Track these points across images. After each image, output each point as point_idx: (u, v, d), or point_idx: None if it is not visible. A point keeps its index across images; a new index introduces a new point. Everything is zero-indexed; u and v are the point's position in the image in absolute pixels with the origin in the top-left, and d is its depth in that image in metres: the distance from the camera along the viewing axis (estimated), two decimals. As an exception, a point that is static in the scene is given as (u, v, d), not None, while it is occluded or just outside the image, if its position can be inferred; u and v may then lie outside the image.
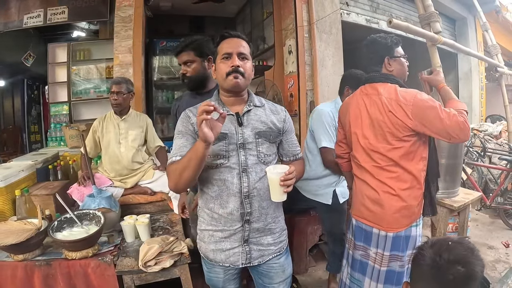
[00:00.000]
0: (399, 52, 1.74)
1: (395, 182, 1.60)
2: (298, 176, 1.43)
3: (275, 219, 1.44)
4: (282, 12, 4.18)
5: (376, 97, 1.63)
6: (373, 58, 1.73)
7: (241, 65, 1.33)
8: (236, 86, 1.33)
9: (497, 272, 2.82)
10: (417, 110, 1.51)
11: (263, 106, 1.44)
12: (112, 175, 2.61)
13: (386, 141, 1.60)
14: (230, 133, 1.34)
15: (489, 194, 4.08)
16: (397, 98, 1.56)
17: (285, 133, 1.48)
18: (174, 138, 1.39)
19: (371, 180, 1.67)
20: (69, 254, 1.83)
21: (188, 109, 1.43)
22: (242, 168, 1.33)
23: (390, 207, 1.61)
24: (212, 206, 1.37)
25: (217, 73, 1.38)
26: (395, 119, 1.55)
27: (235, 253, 1.38)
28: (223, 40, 1.37)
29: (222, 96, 1.42)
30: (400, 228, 1.61)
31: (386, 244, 1.63)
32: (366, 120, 1.67)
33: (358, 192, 1.77)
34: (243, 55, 1.35)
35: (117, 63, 3.24)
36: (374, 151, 1.64)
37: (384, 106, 1.59)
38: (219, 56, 1.36)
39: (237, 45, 1.34)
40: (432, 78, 1.85)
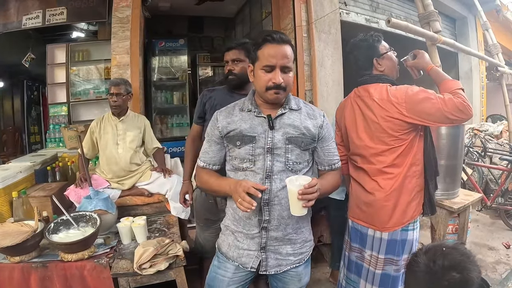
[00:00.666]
0: (385, 47, 1.71)
1: (390, 182, 1.59)
2: (326, 190, 1.37)
3: (297, 230, 1.37)
4: (280, 12, 4.16)
5: (368, 98, 1.62)
6: (361, 64, 1.72)
7: (283, 78, 1.24)
8: (276, 101, 1.28)
9: (497, 274, 2.80)
10: (411, 105, 1.49)
11: (299, 110, 1.36)
12: (110, 177, 2.60)
13: (382, 142, 1.59)
14: (258, 136, 1.29)
15: (489, 194, 4.06)
16: (388, 98, 1.54)
17: (321, 140, 1.38)
18: (205, 135, 1.43)
19: (367, 181, 1.66)
20: (65, 256, 1.82)
21: (219, 111, 1.41)
22: (266, 174, 1.28)
23: (382, 206, 1.60)
24: (235, 207, 1.32)
25: (255, 80, 1.30)
26: (390, 119, 1.54)
27: (249, 255, 1.34)
28: (266, 44, 1.25)
29: (257, 99, 1.35)
30: (395, 227, 1.60)
31: (381, 247, 1.62)
32: (361, 123, 1.66)
33: (353, 194, 1.76)
34: (287, 68, 1.25)
35: (115, 64, 3.23)
36: (371, 152, 1.63)
37: (378, 108, 1.57)
38: (259, 63, 1.26)
39: (281, 55, 1.23)
40: (418, 62, 1.76)
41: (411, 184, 1.61)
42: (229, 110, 1.39)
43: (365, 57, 1.69)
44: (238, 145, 1.31)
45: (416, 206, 1.64)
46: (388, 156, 1.58)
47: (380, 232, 1.63)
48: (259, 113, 1.31)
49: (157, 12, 5.63)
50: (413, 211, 1.63)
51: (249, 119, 1.32)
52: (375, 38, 1.69)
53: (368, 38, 1.69)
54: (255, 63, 1.29)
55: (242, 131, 1.31)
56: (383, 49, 1.70)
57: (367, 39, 1.69)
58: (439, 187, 2.31)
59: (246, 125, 1.31)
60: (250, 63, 1.33)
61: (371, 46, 1.68)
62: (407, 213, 1.61)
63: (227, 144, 1.36)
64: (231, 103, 1.44)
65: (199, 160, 1.43)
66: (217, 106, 1.98)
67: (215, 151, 1.39)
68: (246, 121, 1.32)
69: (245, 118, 1.33)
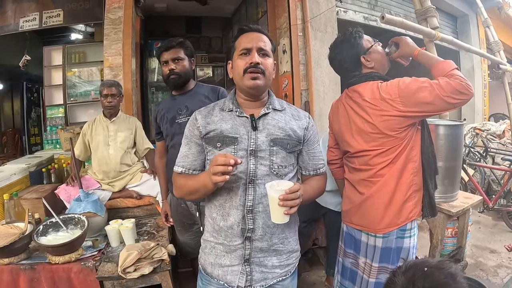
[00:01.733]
0: (369, 41, 1.60)
1: (381, 179, 1.51)
2: (310, 196, 1.29)
3: (283, 240, 1.26)
4: (276, 11, 4.14)
5: (360, 99, 1.52)
6: (349, 66, 1.60)
7: (261, 62, 1.19)
8: (254, 86, 1.20)
9: (499, 278, 2.74)
10: (406, 99, 1.39)
11: (283, 110, 1.29)
12: (100, 178, 2.60)
13: (379, 144, 1.50)
14: (241, 138, 1.20)
15: (491, 195, 3.99)
16: (381, 96, 1.44)
17: (306, 142, 1.30)
18: (183, 139, 1.32)
19: (361, 182, 1.58)
20: (53, 259, 1.81)
21: (198, 110, 1.32)
22: (249, 178, 1.19)
23: (373, 204, 1.52)
24: (215, 217, 1.25)
25: (233, 70, 1.25)
26: (387, 118, 1.44)
27: (234, 271, 1.23)
28: (242, 34, 1.24)
29: (238, 97, 1.29)
30: (388, 228, 1.50)
31: (375, 254, 1.53)
32: (355, 125, 1.56)
33: (347, 197, 1.68)
34: (263, 51, 1.21)
35: (107, 65, 3.23)
36: (366, 155, 1.54)
37: (371, 108, 1.48)
38: (236, 51, 1.23)
39: (257, 39, 1.21)
40: (402, 51, 1.60)
41: (406, 182, 1.50)
42: (208, 110, 1.30)
43: (351, 57, 1.57)
44: (218, 146, 1.21)
45: (413, 207, 1.53)
46: (385, 157, 1.50)
47: (374, 238, 1.53)
48: (241, 113, 1.23)
49: (153, 13, 5.64)
50: (409, 212, 1.52)
51: (230, 119, 1.24)
52: (356, 34, 1.57)
53: (348, 37, 1.58)
54: (233, 56, 1.25)
55: (223, 132, 1.21)
56: (367, 43, 1.59)
57: (348, 38, 1.58)
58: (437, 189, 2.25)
59: (227, 126, 1.22)
60: (229, 60, 1.28)
61: (354, 44, 1.56)
62: (402, 213, 1.51)
63: (206, 146, 1.25)
64: (210, 104, 1.36)
65: (176, 167, 1.31)
66: (165, 114, 2.03)
67: (195, 154, 1.28)
68: (227, 121, 1.23)
69: (225, 118, 1.24)
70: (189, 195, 1.27)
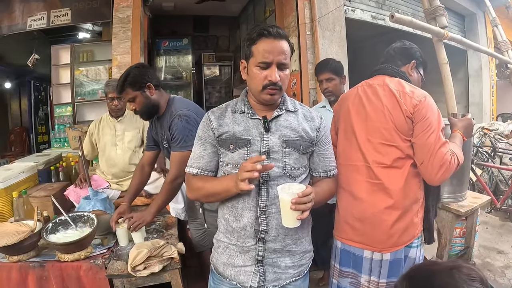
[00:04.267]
0: (423, 71, 1.66)
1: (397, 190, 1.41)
2: (321, 199, 1.27)
3: (296, 240, 1.26)
4: (284, 10, 4.14)
5: (381, 86, 1.47)
6: (402, 53, 1.61)
7: (280, 76, 1.15)
8: (271, 101, 1.19)
9: (506, 279, 2.72)
10: (419, 112, 1.36)
11: (296, 111, 1.28)
12: (109, 178, 2.60)
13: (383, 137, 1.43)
14: (253, 140, 1.20)
15: (499, 195, 3.96)
16: (403, 90, 1.42)
17: (318, 143, 1.28)
18: (195, 141, 1.31)
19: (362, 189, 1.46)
20: (62, 257, 1.81)
21: (211, 111, 1.30)
22: (262, 179, 1.18)
23: (385, 223, 1.40)
24: (227, 217, 1.25)
25: (249, 78, 1.20)
26: (398, 110, 1.40)
27: (246, 272, 1.23)
28: (261, 39, 1.15)
29: (250, 99, 1.26)
30: (398, 247, 1.42)
31: (382, 270, 1.43)
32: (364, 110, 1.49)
33: (342, 207, 1.55)
34: (283, 65, 1.16)
35: (116, 64, 3.25)
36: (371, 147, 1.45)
37: (389, 96, 1.43)
38: (254, 59, 1.16)
39: (278, 51, 1.14)
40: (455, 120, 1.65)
41: (414, 195, 1.44)
42: (221, 111, 1.29)
43: (408, 53, 1.61)
44: (231, 149, 1.21)
45: (419, 222, 1.47)
46: (389, 155, 1.42)
47: (381, 254, 1.44)
48: (254, 115, 1.22)
49: (161, 12, 5.66)
50: (416, 228, 1.46)
51: (242, 121, 1.23)
52: (424, 59, 1.65)
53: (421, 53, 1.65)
54: (249, 60, 1.18)
55: (236, 134, 1.21)
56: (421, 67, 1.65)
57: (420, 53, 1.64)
58: (446, 189, 2.22)
59: (239, 128, 1.22)
60: (243, 59, 1.24)
61: (420, 54, 1.62)
62: (409, 231, 1.43)
63: (219, 148, 1.25)
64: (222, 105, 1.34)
65: (190, 168, 1.28)
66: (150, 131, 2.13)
67: (211, 154, 1.26)
68: (239, 123, 1.23)
69: (238, 120, 1.24)
70: (207, 198, 1.29)
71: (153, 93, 1.95)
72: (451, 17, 6.00)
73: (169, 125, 1.91)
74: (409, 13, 5.02)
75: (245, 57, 1.22)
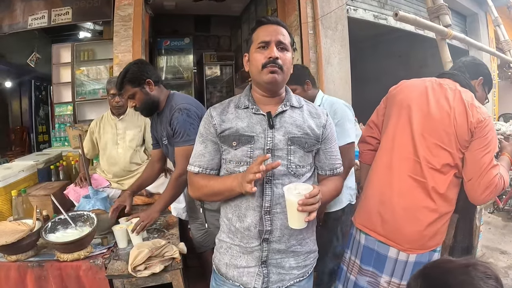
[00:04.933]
0: (488, 90, 1.69)
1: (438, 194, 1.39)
2: (327, 199, 1.26)
3: (301, 241, 1.23)
4: (286, 9, 4.12)
5: (452, 91, 1.45)
6: (472, 68, 1.66)
7: (280, 56, 1.15)
8: (272, 81, 1.16)
9: (509, 279, 2.71)
10: (482, 129, 1.36)
11: (301, 107, 1.25)
12: (110, 177, 2.59)
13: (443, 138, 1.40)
14: (257, 136, 1.17)
15: (502, 196, 3.94)
16: (473, 103, 1.40)
17: (324, 141, 1.26)
18: (196, 138, 1.29)
19: (403, 183, 1.43)
20: (61, 256, 1.79)
21: (212, 107, 1.29)
22: (266, 178, 1.15)
23: (420, 223, 1.38)
24: (230, 217, 1.23)
25: (250, 64, 1.20)
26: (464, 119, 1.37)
27: (250, 272, 1.20)
28: (260, 26, 1.19)
29: (254, 93, 1.24)
30: (424, 250, 1.39)
31: (406, 271, 1.40)
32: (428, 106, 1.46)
33: (373, 196, 1.50)
34: (282, 44, 1.16)
35: (117, 62, 3.23)
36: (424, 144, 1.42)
37: (458, 103, 1.40)
38: (254, 44, 1.18)
39: (276, 32, 1.16)
40: (506, 144, 1.67)
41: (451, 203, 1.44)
42: (223, 107, 1.27)
43: (478, 69, 1.66)
44: (234, 145, 1.18)
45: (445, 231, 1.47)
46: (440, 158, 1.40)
47: (407, 254, 1.40)
48: (258, 110, 1.20)
49: (162, 11, 5.65)
50: (443, 236, 1.46)
51: (246, 117, 1.20)
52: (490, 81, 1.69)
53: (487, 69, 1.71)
54: (250, 49, 1.21)
55: (239, 130, 1.18)
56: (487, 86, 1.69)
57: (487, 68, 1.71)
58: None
59: (243, 124, 1.19)
60: (246, 53, 1.24)
61: (487, 71, 1.68)
62: (437, 236, 1.42)
63: (221, 145, 1.22)
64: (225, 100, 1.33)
65: (191, 166, 1.27)
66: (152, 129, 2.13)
67: (212, 152, 1.24)
68: (242, 119, 1.20)
69: (241, 115, 1.21)
70: (210, 197, 1.27)
71: (153, 89, 1.94)
72: (453, 17, 5.96)
73: (170, 120, 1.90)
74: (411, 12, 4.99)
75: (247, 49, 1.24)
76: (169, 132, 1.93)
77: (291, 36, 1.23)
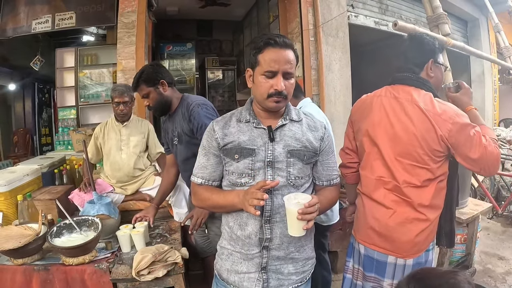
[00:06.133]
0: (441, 59, 1.57)
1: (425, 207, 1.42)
2: (324, 208, 1.31)
3: (300, 248, 1.28)
4: (287, 16, 4.16)
5: (410, 103, 1.42)
6: (416, 57, 1.51)
7: (285, 85, 1.17)
8: (276, 109, 1.21)
9: (507, 285, 2.72)
10: (456, 132, 1.34)
11: (300, 121, 1.29)
12: (114, 182, 2.61)
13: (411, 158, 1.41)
14: (258, 149, 1.21)
15: (501, 202, 3.96)
16: (435, 111, 1.37)
17: (322, 153, 1.30)
18: (199, 150, 1.33)
19: (389, 200, 1.46)
20: (66, 260, 1.83)
21: (215, 120, 1.32)
22: (267, 189, 1.17)
23: (413, 233, 1.41)
24: (232, 225, 1.27)
25: (255, 86, 1.21)
26: (433, 134, 1.36)
27: (250, 278, 1.25)
28: (267, 48, 1.16)
29: (255, 107, 1.27)
30: (420, 252, 1.44)
31: (405, 273, 1.44)
32: (391, 128, 1.45)
33: (366, 214, 1.53)
34: (289, 75, 1.18)
35: (120, 68, 3.27)
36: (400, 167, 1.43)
37: (420, 118, 1.38)
38: (259, 68, 1.18)
39: (284, 60, 1.15)
40: (459, 97, 1.62)
41: (438, 207, 1.46)
42: (225, 121, 1.30)
43: (423, 52, 1.51)
44: (236, 158, 1.22)
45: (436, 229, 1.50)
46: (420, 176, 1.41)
47: (404, 259, 1.45)
48: (259, 124, 1.24)
49: (165, 16, 5.70)
50: (434, 234, 1.49)
51: (247, 131, 1.24)
52: (438, 45, 1.55)
53: (434, 40, 1.55)
54: (255, 68, 1.20)
55: (241, 144, 1.22)
56: (440, 59, 1.55)
57: (433, 41, 1.54)
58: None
59: (244, 137, 1.23)
60: (249, 68, 1.25)
61: (435, 47, 1.52)
62: (430, 237, 1.46)
63: (223, 158, 1.27)
64: (227, 114, 1.36)
65: (195, 177, 1.32)
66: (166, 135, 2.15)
67: (214, 165, 1.29)
68: (244, 132, 1.24)
69: (243, 129, 1.25)
70: (213, 209, 1.35)
71: (166, 90, 2.03)
72: (454, 23, 6.01)
73: (189, 115, 1.96)
74: (412, 18, 5.04)
75: (250, 65, 1.23)
76: (184, 129, 1.98)
77: (296, 54, 1.23)
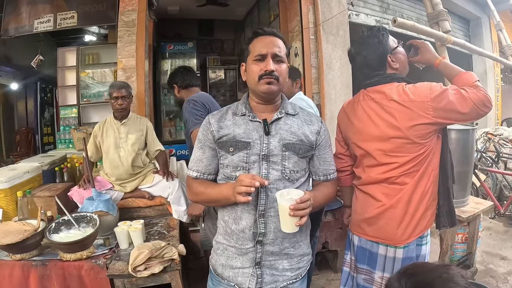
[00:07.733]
0: (394, 41, 1.52)
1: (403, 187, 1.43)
2: (320, 203, 1.29)
3: (294, 244, 1.27)
4: (288, 14, 4.15)
5: (385, 100, 1.43)
6: (374, 64, 1.50)
7: (276, 68, 1.19)
8: (269, 91, 1.20)
9: (509, 285, 2.69)
10: (438, 104, 1.32)
11: (296, 115, 1.29)
12: (113, 179, 2.62)
13: (401, 152, 1.41)
14: (253, 142, 1.21)
15: (503, 201, 3.92)
16: (410, 98, 1.36)
17: (318, 147, 1.30)
18: (195, 144, 1.34)
19: (377, 192, 1.48)
20: (64, 256, 1.84)
21: (211, 114, 1.33)
22: None
23: (394, 215, 1.43)
24: (227, 220, 1.27)
25: (247, 75, 1.25)
26: (414, 122, 1.36)
27: (244, 273, 1.24)
28: (256, 37, 1.23)
29: (251, 101, 1.29)
30: (409, 239, 1.44)
31: (395, 266, 1.45)
32: (377, 129, 1.46)
33: (360, 207, 1.56)
34: (278, 57, 1.21)
35: (121, 67, 3.27)
36: (387, 162, 1.45)
37: (400, 111, 1.39)
38: (251, 56, 1.22)
39: (272, 44, 1.20)
40: (423, 57, 1.56)
41: (427, 190, 1.45)
42: (221, 114, 1.31)
43: (378, 55, 1.48)
44: (231, 151, 1.22)
45: (431, 215, 1.49)
46: (407, 164, 1.42)
47: (394, 250, 1.45)
48: (254, 117, 1.24)
49: (166, 16, 5.71)
50: (427, 220, 1.48)
51: (243, 124, 1.25)
52: (383, 32, 1.49)
53: (376, 33, 1.48)
54: (247, 59, 1.25)
55: (236, 137, 1.23)
56: (393, 43, 1.51)
57: (376, 34, 1.48)
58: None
59: (240, 130, 1.23)
60: (243, 62, 1.28)
61: (382, 41, 1.48)
62: (421, 222, 1.45)
63: (218, 151, 1.27)
64: (223, 108, 1.36)
65: (190, 171, 1.32)
66: None
67: (209, 158, 1.29)
68: (239, 126, 1.24)
69: (238, 122, 1.25)
70: (208, 203, 1.33)
71: (179, 92, 2.52)
72: (456, 21, 5.98)
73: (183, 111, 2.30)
74: (413, 17, 5.01)
75: (244, 59, 1.27)
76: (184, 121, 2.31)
77: (287, 46, 1.26)
